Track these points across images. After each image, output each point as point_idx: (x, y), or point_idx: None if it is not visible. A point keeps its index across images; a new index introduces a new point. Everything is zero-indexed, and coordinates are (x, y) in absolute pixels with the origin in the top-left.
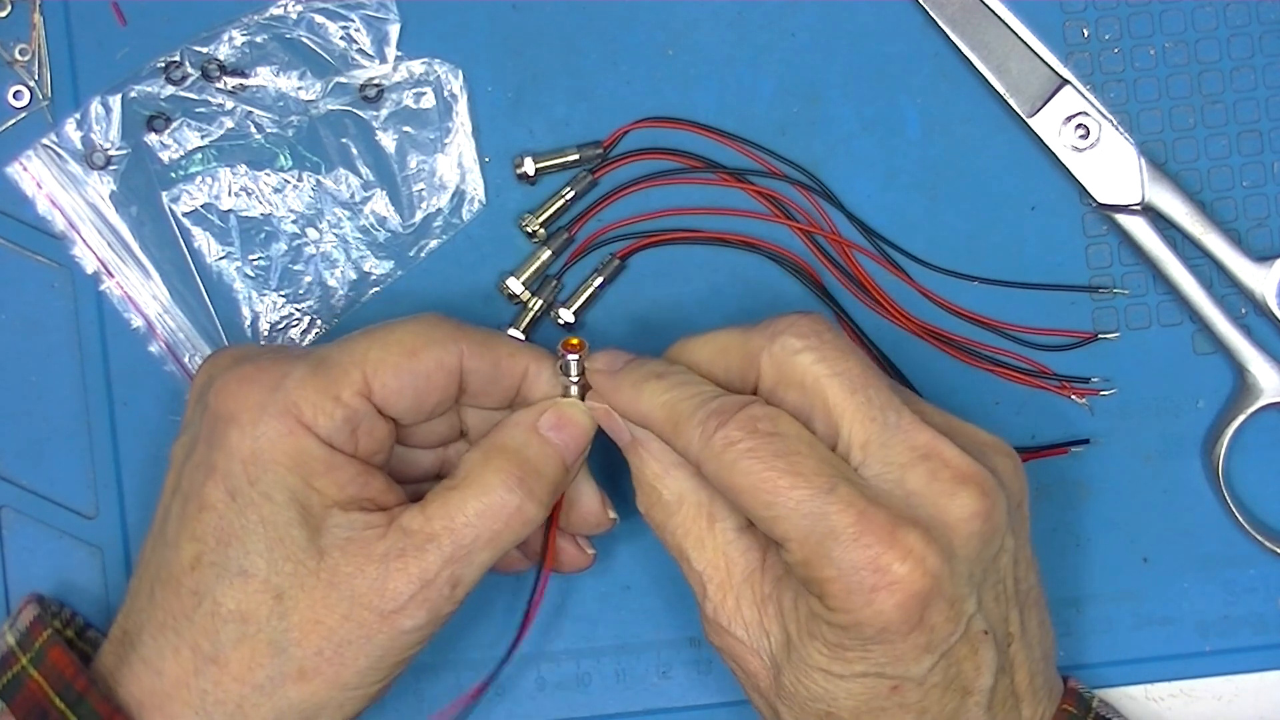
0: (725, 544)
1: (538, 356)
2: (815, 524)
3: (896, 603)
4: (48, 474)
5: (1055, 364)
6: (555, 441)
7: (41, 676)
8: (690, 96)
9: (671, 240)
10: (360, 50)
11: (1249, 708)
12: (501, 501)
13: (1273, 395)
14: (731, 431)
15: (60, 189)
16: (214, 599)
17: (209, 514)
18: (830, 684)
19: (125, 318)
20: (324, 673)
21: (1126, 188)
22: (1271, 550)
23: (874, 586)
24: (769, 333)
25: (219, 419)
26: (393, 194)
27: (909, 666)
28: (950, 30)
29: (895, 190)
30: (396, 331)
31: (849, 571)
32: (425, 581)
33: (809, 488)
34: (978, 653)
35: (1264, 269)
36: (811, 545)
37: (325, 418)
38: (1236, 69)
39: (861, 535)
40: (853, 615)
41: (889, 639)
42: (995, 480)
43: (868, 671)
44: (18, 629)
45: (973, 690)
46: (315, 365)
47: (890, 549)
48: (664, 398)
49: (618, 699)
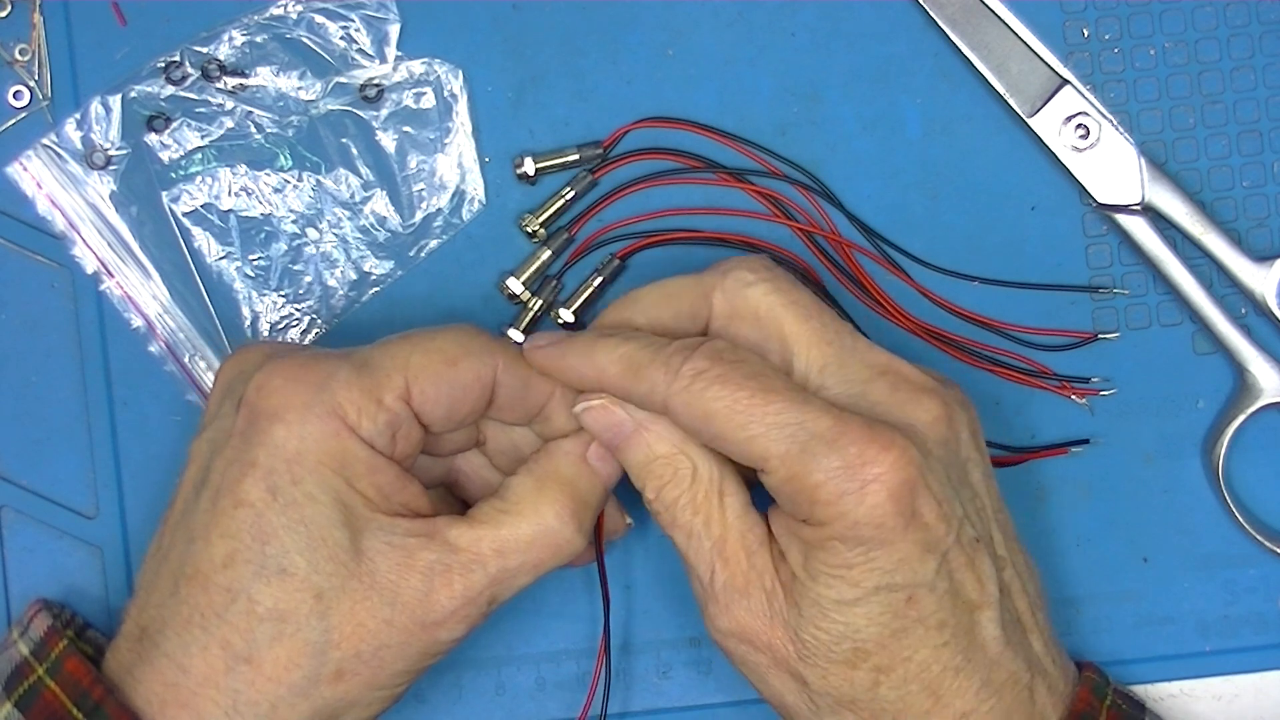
0: (736, 518)
1: None
2: (795, 434)
3: (889, 492)
4: (48, 474)
5: (1055, 364)
6: (602, 472)
7: (58, 686)
8: (690, 96)
9: (671, 240)
10: (360, 50)
11: (1249, 708)
12: (553, 533)
13: (1273, 395)
14: (698, 362)
15: (60, 189)
16: (249, 597)
17: (245, 510)
18: (847, 615)
19: (125, 318)
20: (360, 674)
21: (1126, 188)
22: (1271, 550)
23: (863, 481)
24: (720, 270)
25: (260, 414)
26: (393, 194)
27: (915, 569)
28: (950, 30)
29: (895, 190)
30: (438, 339)
31: (836, 473)
32: (469, 600)
33: (783, 401)
34: (975, 563)
35: (1264, 269)
36: (794, 456)
37: (369, 420)
38: (1236, 69)
39: (841, 436)
40: (848, 518)
41: (888, 539)
42: (951, 394)
43: (879, 585)
44: (31, 638)
45: (979, 604)
46: (359, 367)
47: (871, 444)
48: (619, 351)
49: (618, 699)
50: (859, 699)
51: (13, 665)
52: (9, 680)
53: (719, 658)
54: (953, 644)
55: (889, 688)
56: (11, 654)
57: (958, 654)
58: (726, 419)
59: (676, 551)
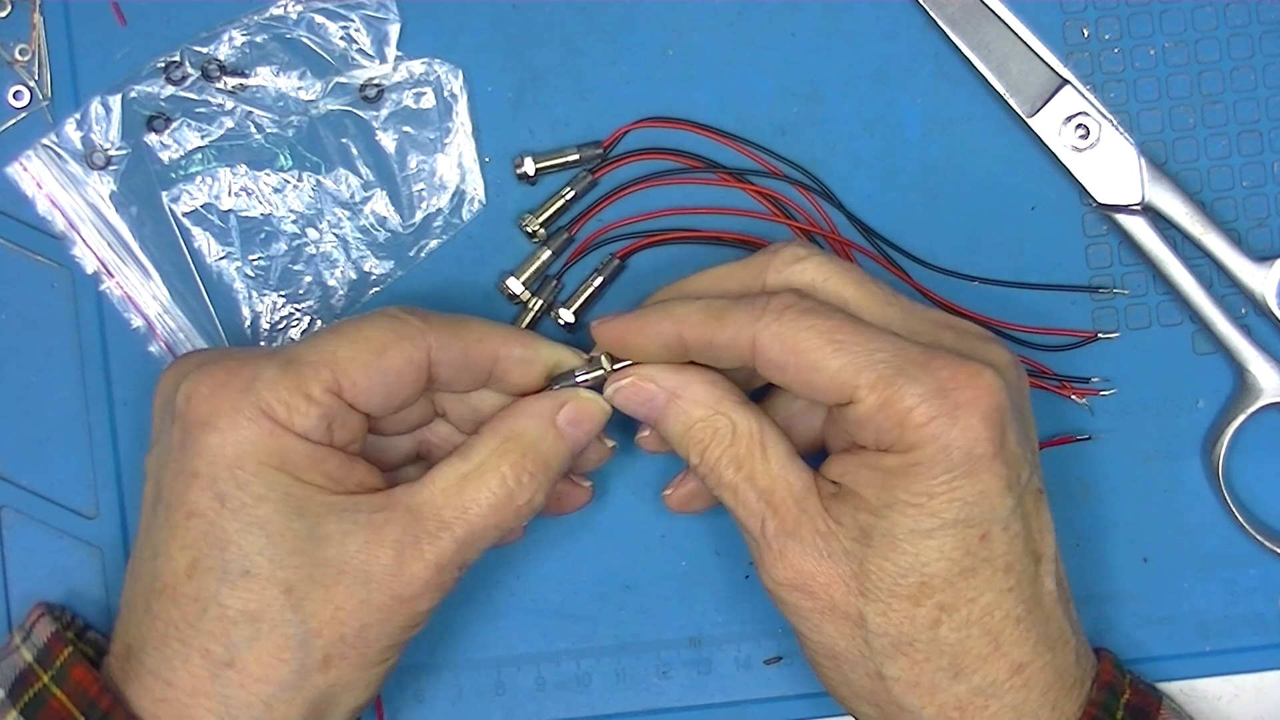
0: (780, 467)
1: (505, 338)
2: (889, 360)
3: (982, 415)
4: (48, 474)
5: (1055, 364)
6: (569, 436)
7: (65, 695)
8: (690, 96)
9: (671, 240)
10: (360, 50)
11: (1249, 708)
12: (514, 494)
13: (1273, 395)
14: (786, 298)
15: (60, 189)
16: (219, 602)
17: (197, 520)
18: (920, 546)
19: (125, 318)
20: (349, 657)
21: (1126, 188)
22: (1271, 550)
23: (957, 404)
24: (768, 251)
25: (193, 425)
26: (393, 194)
27: (994, 504)
28: (950, 30)
29: (895, 190)
30: (365, 329)
31: (930, 397)
32: (441, 567)
33: (873, 331)
34: (1040, 511)
35: (1264, 269)
36: (887, 381)
37: (300, 416)
38: (1236, 69)
39: (933, 361)
40: (939, 440)
41: (976, 467)
42: None
43: (957, 518)
44: (34, 644)
45: (1041, 555)
46: (284, 364)
47: (963, 369)
48: (698, 303)
49: (618, 699)
50: (918, 639)
51: (16, 672)
52: (13, 687)
53: (719, 658)
54: (1017, 590)
55: (950, 628)
56: (14, 660)
57: (1020, 602)
58: (819, 348)
59: (729, 513)
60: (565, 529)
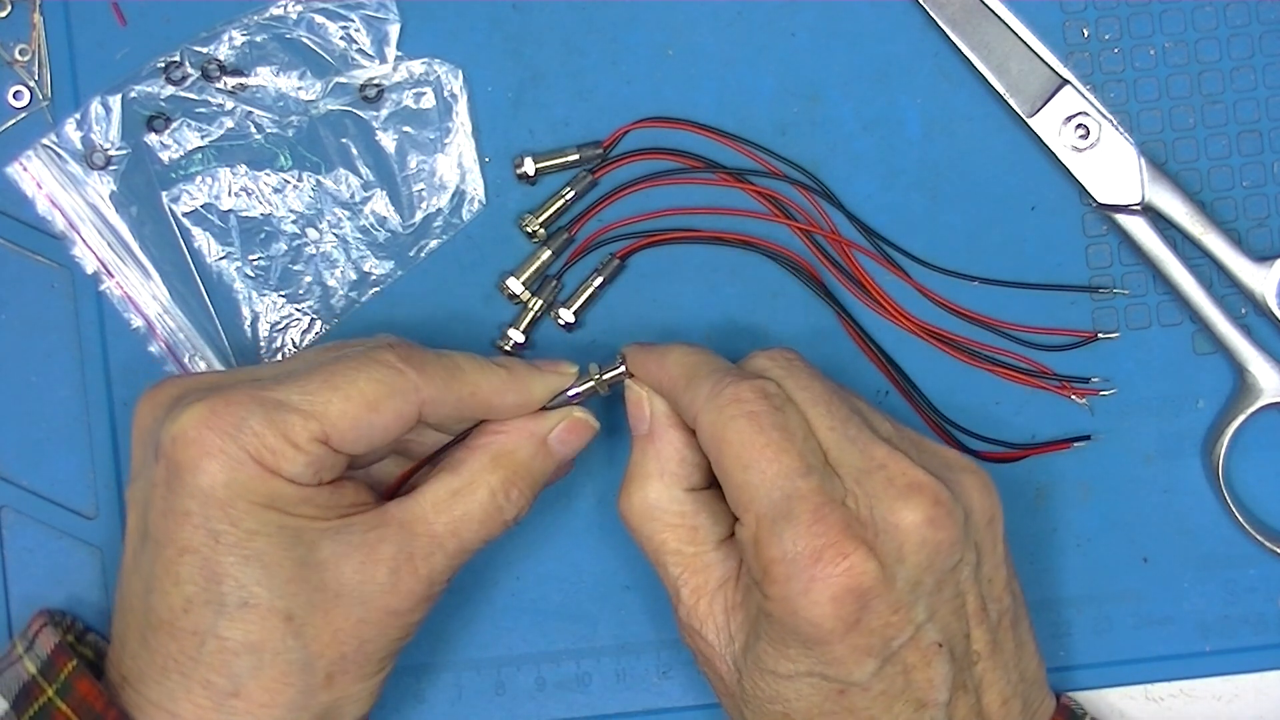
0: (704, 553)
1: (498, 390)
2: (778, 502)
3: (831, 596)
4: (48, 474)
5: (1055, 364)
6: (558, 453)
7: (70, 709)
8: (690, 96)
9: (671, 240)
10: (360, 50)
11: (1249, 708)
12: (502, 509)
13: (1273, 395)
14: (744, 391)
15: (60, 189)
16: (217, 635)
17: (191, 556)
18: (780, 685)
19: (125, 318)
20: (349, 671)
21: (1126, 188)
22: (1271, 550)
23: (812, 578)
24: (741, 362)
25: (181, 468)
26: (393, 194)
27: (850, 670)
28: (950, 30)
29: (895, 190)
30: (359, 381)
31: (793, 557)
32: (433, 582)
33: (789, 464)
34: (930, 665)
35: (1264, 269)
36: (767, 523)
37: (288, 463)
38: (1236, 69)
39: (814, 524)
40: (789, 604)
41: (825, 639)
42: (950, 493)
43: (811, 671)
44: (37, 655)
45: (927, 703)
46: (274, 409)
47: (836, 544)
48: (688, 359)
49: (618, 699)
50: None
51: (20, 684)
52: (17, 700)
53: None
54: None
55: None
56: (18, 671)
57: None
58: (736, 454)
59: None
60: (565, 529)
